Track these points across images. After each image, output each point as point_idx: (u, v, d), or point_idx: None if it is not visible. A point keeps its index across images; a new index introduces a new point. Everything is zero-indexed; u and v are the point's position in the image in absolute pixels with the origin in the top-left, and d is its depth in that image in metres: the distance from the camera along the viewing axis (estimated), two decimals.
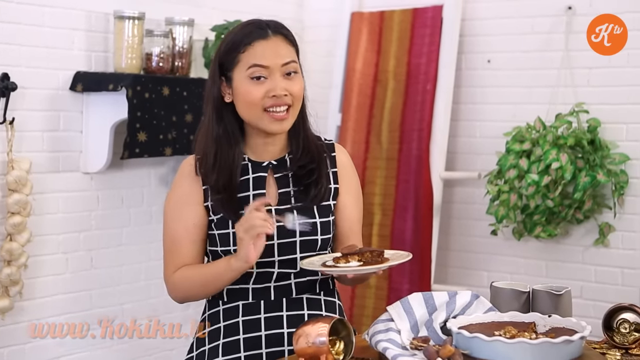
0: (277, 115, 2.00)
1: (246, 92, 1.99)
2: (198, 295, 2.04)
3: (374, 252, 1.93)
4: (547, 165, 3.40)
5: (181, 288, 2.04)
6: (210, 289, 2.01)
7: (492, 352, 1.69)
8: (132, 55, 3.22)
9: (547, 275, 3.64)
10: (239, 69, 2.00)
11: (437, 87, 3.76)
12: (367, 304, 3.80)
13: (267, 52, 1.99)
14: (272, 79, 1.99)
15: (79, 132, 3.23)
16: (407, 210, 3.76)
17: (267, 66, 1.98)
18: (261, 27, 2.01)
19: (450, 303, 1.92)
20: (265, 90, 1.99)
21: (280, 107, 2.00)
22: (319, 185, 2.06)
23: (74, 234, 3.25)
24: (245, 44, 1.99)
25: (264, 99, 1.99)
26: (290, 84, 2.01)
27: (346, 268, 1.89)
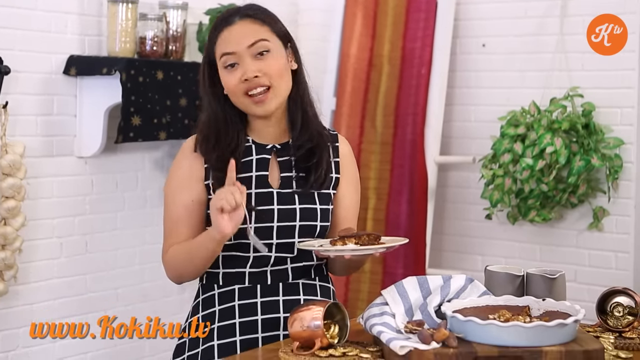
0: (256, 98, 2.01)
1: (225, 83, 2.03)
2: (187, 270, 2.02)
3: (371, 236, 1.94)
4: (542, 149, 3.40)
5: (172, 264, 2.04)
6: (197, 262, 2.00)
7: (487, 336, 1.70)
8: (126, 39, 3.21)
9: (541, 259, 3.65)
10: (218, 62, 2.04)
11: (431, 71, 3.76)
12: (361, 288, 3.81)
13: (232, 38, 2.00)
14: (242, 63, 2.00)
15: (73, 116, 3.22)
16: (402, 195, 3.76)
17: (234, 52, 2.00)
18: (229, 14, 2.03)
19: (445, 287, 1.92)
20: (239, 75, 2.00)
21: (257, 89, 2.00)
22: (319, 170, 2.07)
23: (69, 218, 3.24)
24: (215, 36, 2.03)
25: (240, 84, 2.00)
26: (263, 64, 2.00)
27: (343, 249, 1.90)
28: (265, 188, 2.04)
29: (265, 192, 2.03)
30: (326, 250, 1.91)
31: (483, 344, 1.69)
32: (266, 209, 2.01)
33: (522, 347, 1.68)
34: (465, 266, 3.80)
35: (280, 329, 2.01)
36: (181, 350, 2.07)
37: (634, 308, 1.92)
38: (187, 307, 3.53)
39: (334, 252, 1.91)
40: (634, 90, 3.46)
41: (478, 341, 1.70)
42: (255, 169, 2.05)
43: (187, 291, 3.61)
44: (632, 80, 3.45)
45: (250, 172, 2.05)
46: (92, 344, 3.30)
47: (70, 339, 3.24)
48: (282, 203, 2.03)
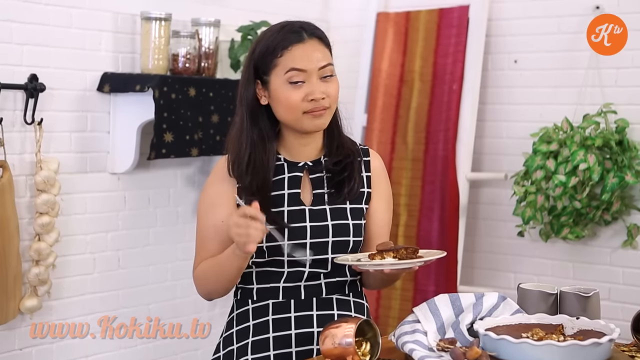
0: (316, 113, 2.02)
1: (285, 97, 2.01)
2: (215, 286, 2.04)
3: (409, 249, 1.94)
4: (575, 166, 3.38)
5: (201, 281, 2.07)
6: (224, 278, 2.01)
7: (520, 354, 1.69)
8: (159, 56, 3.24)
9: (574, 277, 3.62)
10: (276, 73, 2.02)
11: (463, 87, 3.75)
12: (392, 305, 3.80)
13: (304, 56, 2.00)
14: (310, 82, 2.01)
15: (107, 132, 3.26)
16: (433, 211, 3.75)
17: (305, 70, 2.00)
18: (297, 30, 2.02)
19: (477, 305, 1.92)
20: (304, 94, 2.01)
21: (319, 110, 2.03)
22: (352, 182, 2.08)
23: (102, 234, 3.27)
24: (282, 47, 2.01)
25: (303, 103, 2.01)
26: (327, 86, 2.03)
27: (382, 263, 1.90)
28: (298, 205, 2.05)
29: (297, 210, 2.05)
30: (365, 265, 1.92)
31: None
32: (299, 226, 2.02)
33: None
34: (497, 284, 3.78)
35: (314, 344, 2.02)
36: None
37: None
38: (216, 323, 3.57)
39: (373, 267, 1.91)
40: None
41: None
42: (287, 187, 2.07)
43: (218, 307, 3.62)
44: None
45: (283, 190, 2.06)
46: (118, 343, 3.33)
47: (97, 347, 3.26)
48: (314, 220, 2.04)
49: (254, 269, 2.06)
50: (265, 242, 2.01)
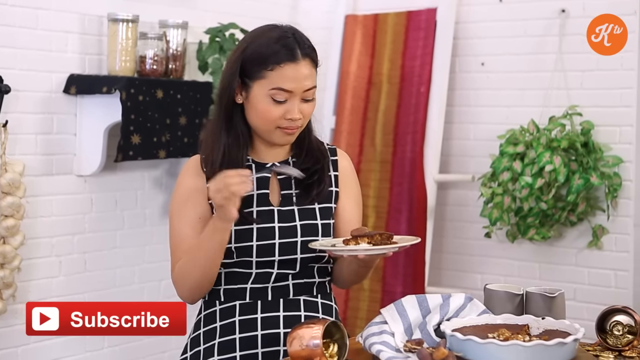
0: (288, 131, 2.03)
1: (264, 110, 2.01)
2: (198, 277, 2.00)
3: (383, 235, 1.93)
4: (541, 167, 3.40)
5: (182, 280, 2.03)
6: (206, 261, 1.98)
7: (486, 355, 1.69)
8: (126, 58, 3.22)
9: (540, 277, 3.64)
10: (261, 84, 2.01)
11: (431, 89, 3.76)
12: (360, 307, 3.80)
13: (294, 78, 2.00)
14: (291, 102, 2.01)
15: (73, 134, 3.23)
16: (401, 213, 3.76)
17: (291, 91, 2.00)
18: (292, 47, 2.01)
19: (444, 305, 1.92)
20: (284, 111, 2.01)
21: (293, 129, 2.03)
22: (321, 185, 2.09)
23: (68, 236, 3.24)
24: (275, 62, 1.99)
25: (280, 120, 2.01)
26: (305, 107, 2.04)
27: (357, 248, 1.89)
28: (266, 206, 2.05)
29: (266, 210, 2.04)
30: (339, 250, 1.91)
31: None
32: (267, 226, 2.02)
33: None
34: (464, 285, 3.80)
35: (281, 345, 2.01)
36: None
37: (634, 327, 1.92)
38: None
39: (348, 252, 1.90)
40: (632, 108, 3.46)
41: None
42: (256, 188, 2.06)
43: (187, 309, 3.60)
44: (631, 98, 3.46)
45: (252, 191, 2.05)
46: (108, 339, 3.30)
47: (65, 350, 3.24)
48: (283, 220, 2.03)
49: (222, 270, 2.04)
50: (234, 243, 2.00)
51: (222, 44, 3.46)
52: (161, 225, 3.51)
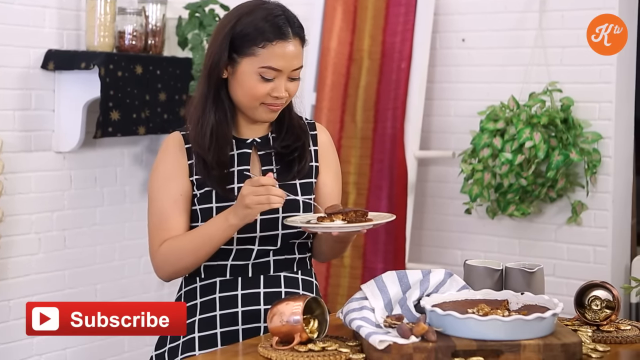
0: (273, 107, 2.04)
1: (251, 86, 2.01)
2: (189, 262, 2.01)
3: (358, 212, 1.94)
4: (521, 144, 3.41)
5: (170, 258, 2.02)
6: (202, 252, 1.99)
7: (466, 330, 1.70)
8: (105, 33, 3.19)
9: (520, 253, 3.66)
10: (250, 61, 2.00)
11: (411, 66, 3.76)
12: (341, 283, 3.81)
13: (284, 57, 2.00)
14: (279, 79, 2.01)
15: (51, 111, 3.21)
16: (382, 190, 3.76)
17: (280, 70, 2.00)
18: (283, 25, 2.00)
19: (424, 281, 1.93)
20: (270, 89, 2.01)
21: (277, 106, 2.04)
22: (302, 162, 2.09)
23: (47, 213, 3.23)
24: (266, 39, 1.99)
25: (266, 96, 2.02)
26: (291, 86, 2.04)
27: (331, 226, 1.90)
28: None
29: None
30: (313, 227, 1.91)
31: (462, 338, 1.70)
32: None
33: (500, 340, 1.69)
34: (444, 261, 3.81)
35: (261, 322, 2.02)
36: (163, 342, 2.07)
37: (612, 302, 1.94)
38: None
39: (321, 229, 1.91)
40: (612, 85, 3.48)
41: (457, 335, 1.71)
42: (237, 164, 2.06)
43: (166, 287, 3.60)
44: (610, 75, 3.47)
45: (232, 168, 2.05)
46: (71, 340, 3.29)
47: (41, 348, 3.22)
48: None
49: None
50: None
51: (202, 20, 3.44)
52: (141, 202, 3.50)
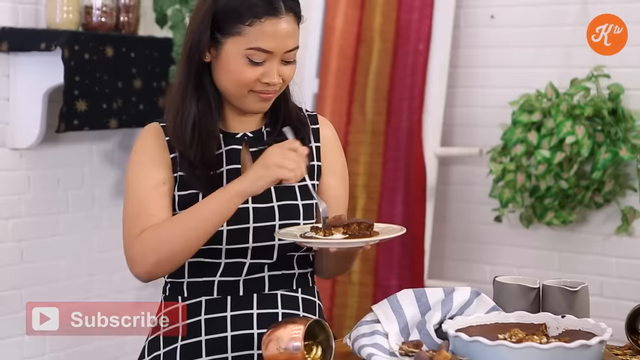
0: (264, 96, 2.03)
1: (238, 71, 2.01)
2: (176, 248, 1.98)
3: (362, 224, 1.94)
4: (561, 139, 3.41)
5: (153, 243, 1.98)
6: (195, 233, 1.96)
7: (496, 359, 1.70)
8: (68, 8, 3.20)
9: (560, 268, 3.67)
10: (235, 41, 2.00)
11: (431, 48, 3.77)
12: (349, 303, 3.82)
13: (275, 36, 1.99)
14: (270, 63, 2.01)
15: (5, 99, 3.21)
16: (397, 193, 3.77)
17: (271, 52, 2.00)
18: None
19: (447, 301, 1.93)
20: (260, 74, 2.01)
21: (269, 93, 2.04)
22: None
23: (1, 221, 3.24)
24: (253, 15, 1.99)
25: (255, 82, 2.01)
26: (286, 70, 2.04)
27: (329, 240, 1.90)
28: None
29: None
30: (308, 242, 1.91)
31: None
32: (240, 207, 2.01)
33: None
34: (470, 277, 3.82)
35: (254, 348, 2.02)
36: None
37: None
38: None
39: (317, 244, 1.91)
40: None
41: None
42: (225, 163, 2.06)
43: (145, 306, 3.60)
44: None
45: (221, 167, 2.05)
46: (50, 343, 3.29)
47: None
48: (257, 201, 2.03)
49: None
50: None
51: None
52: (113, 208, 3.51)
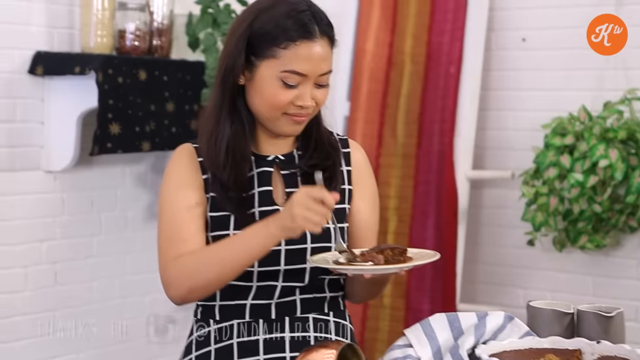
0: (297, 118, 2.04)
1: (272, 94, 2.02)
2: (211, 276, 1.99)
3: (395, 250, 1.95)
4: (594, 163, 3.39)
5: (188, 269, 2.00)
6: (230, 264, 1.97)
7: None
8: (102, 32, 3.22)
9: (594, 293, 3.64)
10: (270, 64, 2.01)
11: (462, 70, 3.76)
12: (381, 327, 3.80)
13: (309, 59, 2.01)
14: (303, 86, 2.02)
15: (40, 123, 3.23)
16: (428, 216, 3.76)
17: (305, 75, 2.01)
18: (308, 22, 2.01)
19: (480, 326, 1.92)
20: (294, 96, 2.02)
21: (302, 116, 2.05)
22: (333, 183, 2.09)
23: (35, 244, 3.25)
24: (288, 39, 2.00)
25: (289, 105, 2.02)
26: (319, 94, 2.05)
27: (363, 267, 1.89)
28: (270, 206, 2.05)
29: (270, 211, 2.04)
30: (342, 269, 1.92)
31: None
32: None
33: None
34: (503, 301, 3.80)
35: None
36: None
37: None
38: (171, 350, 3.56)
39: (352, 270, 1.91)
40: None
41: None
42: (257, 185, 2.07)
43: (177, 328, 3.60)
44: None
45: (252, 189, 2.06)
46: None
47: None
48: None
49: None
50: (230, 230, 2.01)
51: (215, 17, 3.46)
52: (146, 230, 3.52)
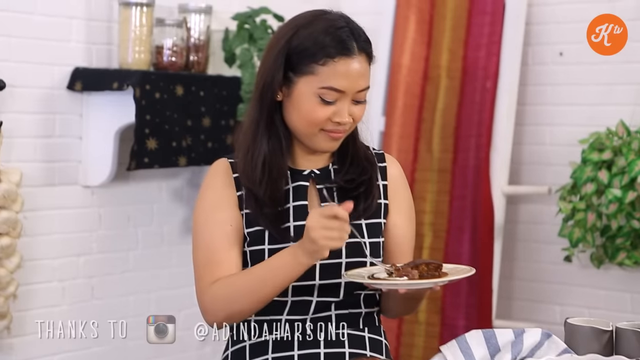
0: (334, 135, 2.05)
1: (309, 110, 2.02)
2: (244, 306, 2.00)
3: (431, 265, 1.95)
4: (632, 178, 3.37)
5: (222, 300, 2.01)
6: (261, 294, 1.98)
7: None
8: (140, 48, 3.24)
9: (633, 310, 3.61)
10: (308, 81, 2.02)
11: (498, 85, 3.75)
12: (416, 343, 3.79)
13: (348, 76, 2.01)
14: (341, 102, 2.02)
15: (78, 138, 3.25)
16: (464, 232, 3.75)
17: (343, 91, 2.01)
18: (347, 39, 2.01)
19: (517, 343, 1.91)
20: (331, 113, 2.02)
21: (339, 133, 2.05)
22: (369, 198, 2.09)
23: (72, 258, 3.26)
24: (327, 55, 2.00)
25: (326, 121, 2.03)
26: (356, 109, 2.05)
27: (397, 282, 1.89)
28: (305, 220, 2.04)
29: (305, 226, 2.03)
30: (376, 283, 1.92)
31: None
32: None
33: None
34: (540, 318, 3.77)
35: None
36: None
37: None
38: None
39: (387, 285, 1.92)
40: None
41: None
42: (292, 199, 2.07)
43: (209, 345, 3.60)
44: None
45: (287, 204, 2.06)
46: None
47: None
48: None
49: None
50: None
51: (252, 32, 3.47)
52: (182, 245, 3.53)
